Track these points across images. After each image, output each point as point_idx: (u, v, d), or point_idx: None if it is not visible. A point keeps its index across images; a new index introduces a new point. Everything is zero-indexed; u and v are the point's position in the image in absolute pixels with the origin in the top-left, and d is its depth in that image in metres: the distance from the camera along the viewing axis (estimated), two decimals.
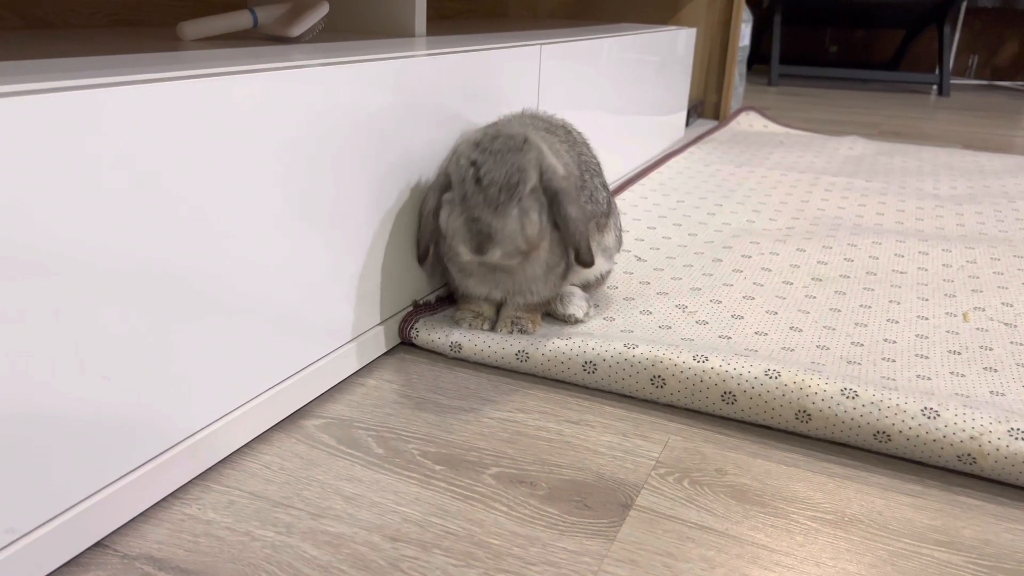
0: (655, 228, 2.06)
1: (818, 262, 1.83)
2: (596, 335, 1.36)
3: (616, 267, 1.71)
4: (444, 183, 1.30)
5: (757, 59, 6.29)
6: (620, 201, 2.30)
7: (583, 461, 1.11)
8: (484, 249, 1.20)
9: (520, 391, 1.29)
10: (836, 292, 1.66)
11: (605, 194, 1.51)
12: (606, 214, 1.50)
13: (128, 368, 0.89)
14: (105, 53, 1.09)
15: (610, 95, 2.35)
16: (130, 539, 0.93)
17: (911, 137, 3.70)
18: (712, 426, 1.21)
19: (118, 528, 0.93)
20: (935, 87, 5.81)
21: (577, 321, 1.45)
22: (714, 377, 1.21)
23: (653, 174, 2.64)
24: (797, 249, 1.91)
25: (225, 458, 1.08)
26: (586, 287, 1.53)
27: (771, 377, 1.18)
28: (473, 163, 1.20)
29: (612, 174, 2.51)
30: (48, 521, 0.84)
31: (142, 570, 0.88)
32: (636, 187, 2.46)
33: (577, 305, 1.45)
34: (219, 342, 1.01)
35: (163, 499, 0.99)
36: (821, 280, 1.72)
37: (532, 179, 1.22)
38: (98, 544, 0.91)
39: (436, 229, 1.28)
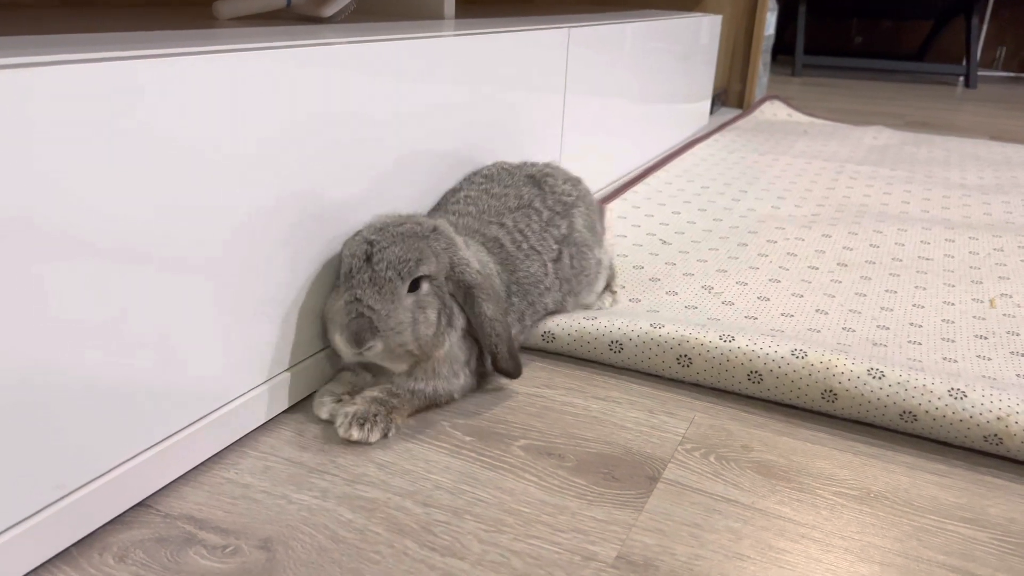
0: (679, 213, 2.07)
1: (844, 248, 1.83)
2: (622, 315, 1.38)
3: (641, 249, 1.72)
4: (338, 267, 1.11)
5: (780, 50, 6.24)
6: (644, 187, 2.31)
7: (610, 436, 1.12)
8: (362, 339, 1.01)
9: (547, 369, 1.31)
10: (861, 277, 1.66)
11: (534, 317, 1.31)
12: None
13: (168, 336, 0.92)
14: (142, 29, 1.12)
15: (635, 81, 2.36)
16: (171, 500, 0.95)
17: (937, 128, 3.67)
18: (738, 405, 1.22)
19: (160, 489, 0.96)
20: (962, 79, 5.75)
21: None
22: (740, 356, 1.22)
23: (677, 161, 2.64)
24: (822, 235, 1.91)
25: (262, 425, 1.10)
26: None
27: (798, 357, 1.19)
28: (369, 242, 1.05)
29: (635, 160, 2.52)
30: (94, 480, 0.87)
31: (183, 529, 0.90)
32: (660, 173, 2.47)
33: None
34: (261, 322, 1.04)
35: (202, 463, 1.02)
36: (846, 265, 1.72)
37: (432, 268, 1.06)
38: (141, 504, 0.94)
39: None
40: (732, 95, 3.79)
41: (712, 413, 1.20)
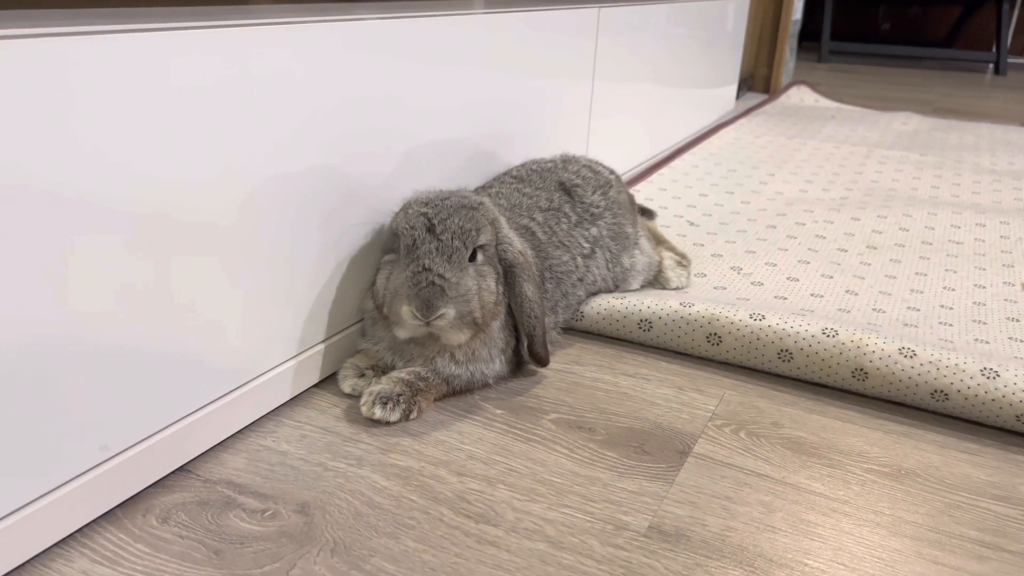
0: (707, 195, 2.07)
1: (873, 231, 1.82)
2: (651, 294, 1.38)
3: (668, 231, 1.72)
4: (386, 243, 1.13)
5: (806, 36, 6.17)
6: (670, 170, 2.30)
7: (640, 411, 1.13)
8: (434, 306, 1.00)
9: (576, 346, 1.32)
10: (891, 260, 1.65)
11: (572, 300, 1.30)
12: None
13: (208, 306, 0.94)
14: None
15: (663, 64, 2.35)
16: (211, 465, 0.97)
17: (967, 115, 3.62)
18: (767, 383, 1.23)
19: (200, 455, 0.98)
20: (991, 66, 5.66)
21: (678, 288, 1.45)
22: (771, 335, 1.22)
23: (703, 144, 2.63)
24: (851, 218, 1.90)
25: (298, 395, 1.12)
26: None
27: (828, 335, 1.19)
28: (424, 214, 1.05)
29: (662, 144, 2.51)
30: (138, 443, 0.89)
31: (223, 493, 0.92)
32: (686, 156, 2.46)
33: (676, 273, 1.46)
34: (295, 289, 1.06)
35: (240, 431, 1.04)
36: (876, 248, 1.71)
37: (488, 237, 1.08)
38: (182, 468, 0.96)
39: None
40: (758, 80, 3.76)
41: (742, 391, 1.20)
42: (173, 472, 0.95)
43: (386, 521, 0.89)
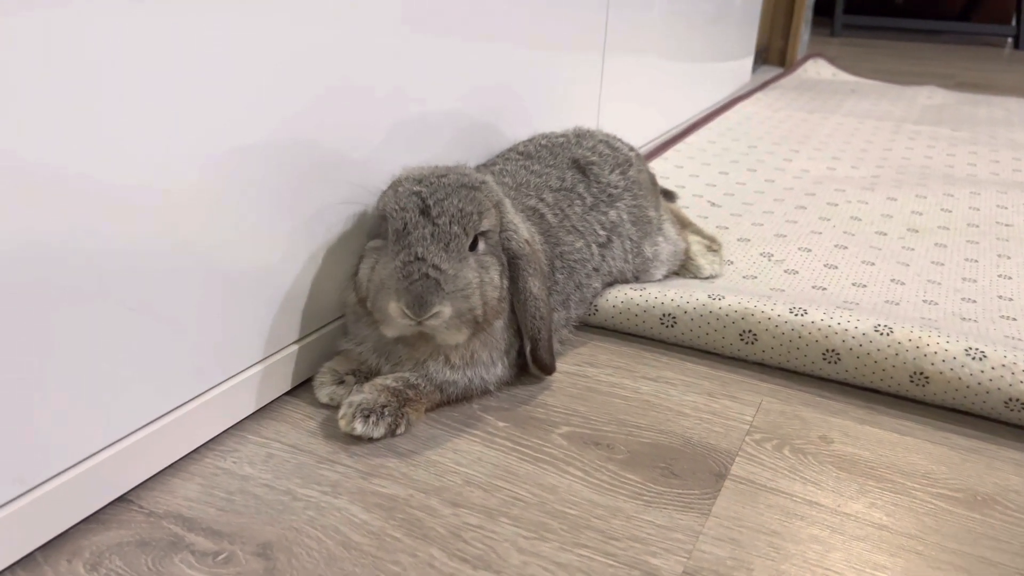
0: (727, 173, 1.90)
1: (912, 212, 1.65)
2: (674, 284, 1.22)
3: (687, 212, 1.56)
4: (372, 227, 0.97)
5: (817, 11, 5.96)
6: (685, 146, 2.13)
7: (666, 423, 0.97)
8: (428, 303, 0.84)
9: (590, 345, 1.15)
10: (936, 244, 1.49)
11: (587, 292, 1.14)
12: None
13: (151, 302, 0.77)
14: None
15: (676, 36, 2.17)
16: (157, 494, 0.81)
17: (991, 89, 3.43)
18: (810, 388, 1.07)
19: (144, 482, 0.82)
20: (1010, 40, 5.45)
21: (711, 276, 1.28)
22: (814, 332, 1.06)
23: (719, 119, 2.45)
24: (888, 198, 1.73)
25: (266, 406, 0.96)
26: None
27: (882, 333, 1.03)
28: (417, 193, 0.89)
29: (675, 118, 2.34)
30: (64, 471, 0.73)
31: (169, 530, 0.77)
32: (703, 131, 2.29)
33: (707, 259, 1.29)
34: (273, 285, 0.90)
35: (194, 451, 0.88)
36: (918, 231, 1.55)
37: (491, 222, 0.92)
38: (121, 499, 0.80)
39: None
40: (773, 52, 3.57)
41: (782, 397, 1.04)
42: (110, 504, 0.79)
43: (365, 567, 0.73)
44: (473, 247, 0.91)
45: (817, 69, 3.45)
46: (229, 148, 0.81)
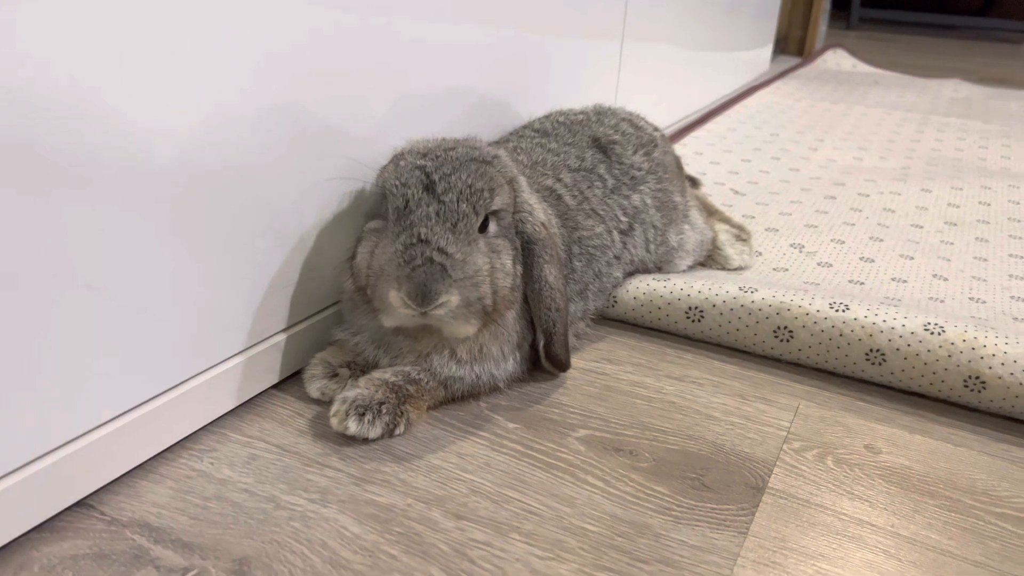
0: (750, 161, 1.79)
1: (948, 204, 1.55)
2: (701, 275, 1.12)
3: (713, 200, 1.46)
4: (371, 205, 0.87)
5: (833, 4, 5.84)
6: (705, 132, 2.03)
7: (694, 427, 0.87)
8: (432, 292, 0.74)
9: (608, 339, 1.06)
10: (977, 239, 1.39)
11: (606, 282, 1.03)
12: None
13: (118, 282, 0.68)
14: None
15: (695, 22, 2.06)
16: (122, 499, 0.72)
17: (1015, 84, 3.32)
18: (850, 390, 0.97)
19: (107, 484, 0.73)
20: None
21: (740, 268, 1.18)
22: (857, 330, 0.96)
23: (738, 106, 2.35)
24: (922, 190, 1.63)
25: (249, 400, 0.87)
26: None
27: (933, 332, 0.93)
28: (421, 168, 0.80)
29: (695, 103, 2.24)
30: (11, 473, 0.64)
31: (133, 541, 0.67)
32: (722, 118, 2.18)
33: (736, 249, 1.19)
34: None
35: (167, 450, 0.78)
36: (956, 224, 1.45)
37: (505, 197, 0.83)
38: (80, 504, 0.71)
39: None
40: (791, 42, 3.46)
41: (820, 401, 0.94)
42: (67, 510, 0.70)
43: None
44: (483, 228, 0.81)
45: (837, 60, 3.34)
46: (209, 113, 0.71)
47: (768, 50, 2.99)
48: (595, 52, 1.50)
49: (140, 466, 0.76)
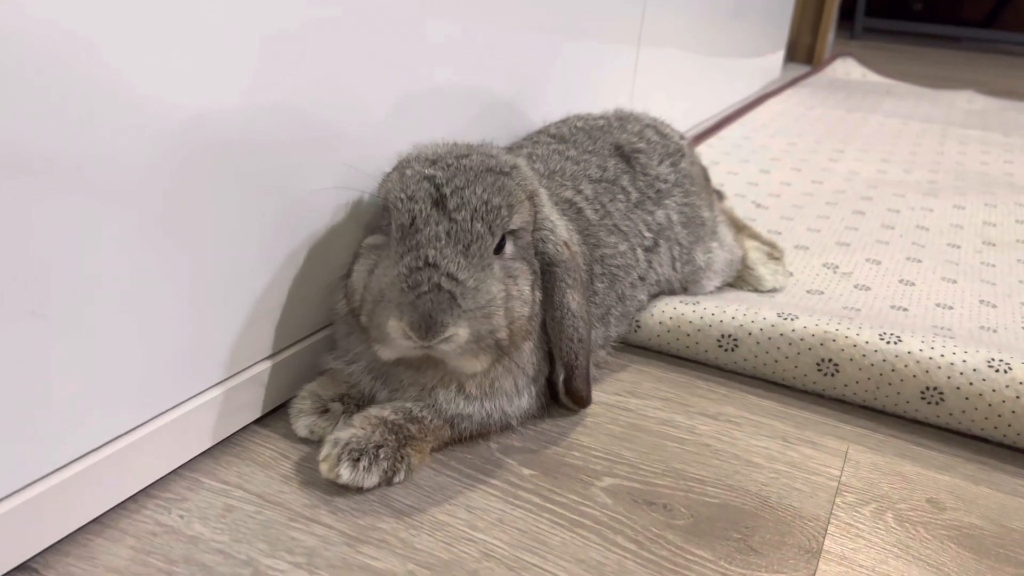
0: (768, 171, 1.70)
1: (984, 223, 1.45)
2: (733, 298, 1.02)
3: (735, 212, 1.36)
4: (371, 219, 0.79)
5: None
6: (719, 141, 1.93)
7: (733, 475, 0.77)
8: (438, 324, 0.65)
9: (630, 367, 0.95)
10: (1019, 261, 1.29)
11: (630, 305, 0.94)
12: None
13: (83, 303, 0.57)
14: None
15: (711, 26, 1.97)
16: (71, 562, 0.61)
17: None
18: (904, 433, 0.87)
19: (56, 543, 0.62)
20: None
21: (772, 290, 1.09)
22: (912, 365, 0.86)
23: (751, 114, 2.26)
24: (954, 206, 1.53)
25: (227, 439, 0.76)
26: None
27: (997, 370, 0.83)
28: (430, 179, 0.70)
29: (707, 111, 2.14)
30: None
31: None
32: (735, 126, 2.09)
33: (769, 269, 1.09)
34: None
35: (129, 499, 0.67)
36: (995, 245, 1.35)
37: (525, 215, 0.73)
38: (23, 568, 0.60)
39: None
40: (801, 49, 3.38)
41: (871, 444, 0.84)
42: (7, 574, 0.59)
43: None
44: (499, 250, 0.70)
45: (847, 69, 3.26)
46: (185, 110, 0.60)
47: (780, 56, 2.90)
48: (612, 56, 1.40)
49: (96, 520, 0.65)
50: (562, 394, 0.81)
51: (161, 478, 0.69)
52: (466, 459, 0.76)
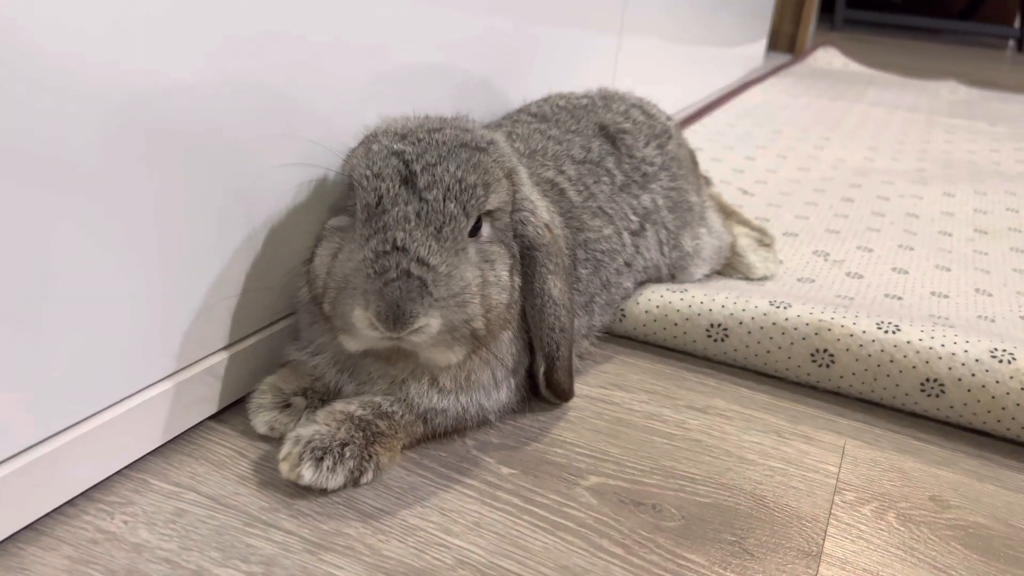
0: (754, 158, 1.65)
1: (975, 210, 1.42)
2: (722, 286, 0.97)
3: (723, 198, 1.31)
4: (335, 199, 0.74)
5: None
6: (702, 127, 1.88)
7: (726, 473, 0.72)
8: (408, 314, 0.59)
9: (615, 359, 0.90)
10: (1012, 249, 1.26)
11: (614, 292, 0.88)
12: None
13: (19, 290, 0.51)
14: None
15: (694, 11, 1.92)
16: (1, 572, 0.55)
17: (1007, 88, 3.24)
18: (903, 426, 0.82)
19: None
20: (1012, 42, 5.30)
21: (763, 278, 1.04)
22: (911, 356, 0.81)
23: (734, 102, 2.21)
24: (944, 194, 1.50)
25: (178, 437, 0.70)
26: None
27: (1001, 361, 0.79)
28: (399, 154, 0.64)
29: (690, 97, 2.10)
30: None
31: None
32: (718, 113, 2.05)
33: (759, 256, 1.05)
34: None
35: (68, 503, 0.61)
36: (987, 233, 1.31)
37: (503, 194, 0.68)
38: None
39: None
40: (782, 38, 3.35)
41: (869, 439, 0.80)
42: None
43: None
44: (474, 232, 0.65)
45: (828, 58, 3.23)
46: (132, 78, 0.54)
47: (762, 45, 2.87)
48: (594, 39, 1.35)
49: (30, 527, 0.59)
50: (543, 387, 0.76)
51: (104, 480, 0.63)
52: (440, 457, 0.71)
